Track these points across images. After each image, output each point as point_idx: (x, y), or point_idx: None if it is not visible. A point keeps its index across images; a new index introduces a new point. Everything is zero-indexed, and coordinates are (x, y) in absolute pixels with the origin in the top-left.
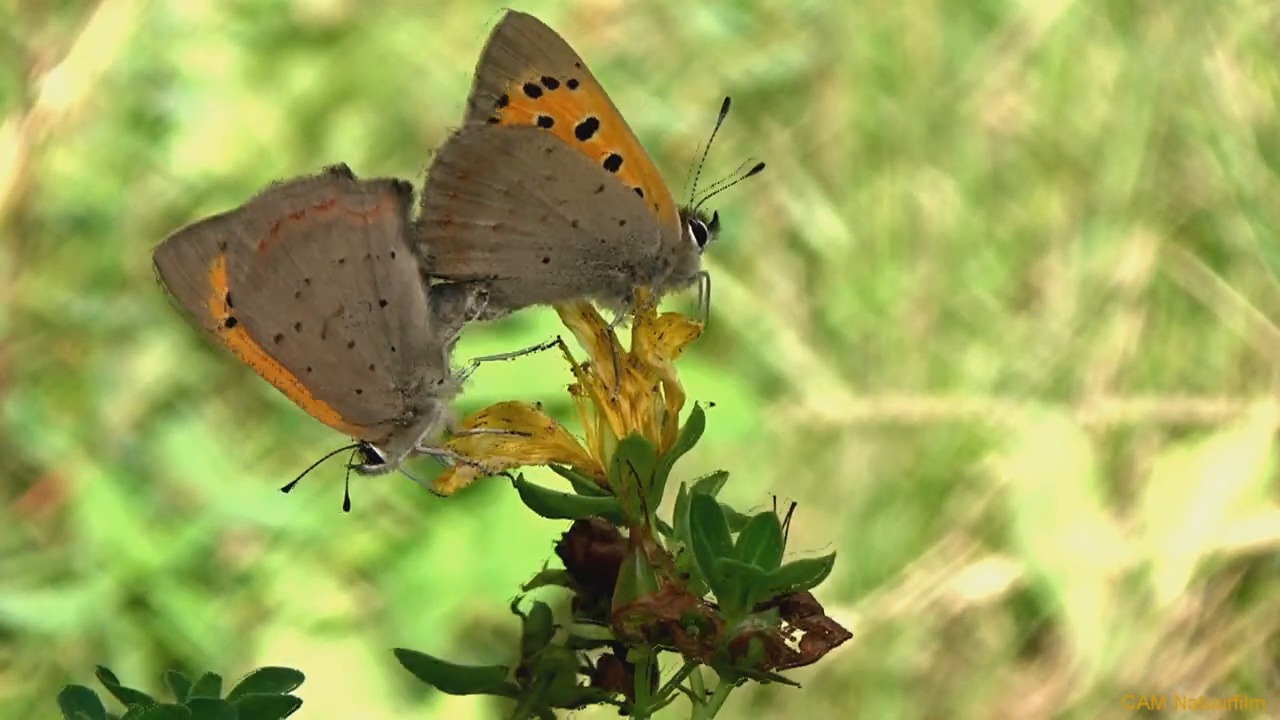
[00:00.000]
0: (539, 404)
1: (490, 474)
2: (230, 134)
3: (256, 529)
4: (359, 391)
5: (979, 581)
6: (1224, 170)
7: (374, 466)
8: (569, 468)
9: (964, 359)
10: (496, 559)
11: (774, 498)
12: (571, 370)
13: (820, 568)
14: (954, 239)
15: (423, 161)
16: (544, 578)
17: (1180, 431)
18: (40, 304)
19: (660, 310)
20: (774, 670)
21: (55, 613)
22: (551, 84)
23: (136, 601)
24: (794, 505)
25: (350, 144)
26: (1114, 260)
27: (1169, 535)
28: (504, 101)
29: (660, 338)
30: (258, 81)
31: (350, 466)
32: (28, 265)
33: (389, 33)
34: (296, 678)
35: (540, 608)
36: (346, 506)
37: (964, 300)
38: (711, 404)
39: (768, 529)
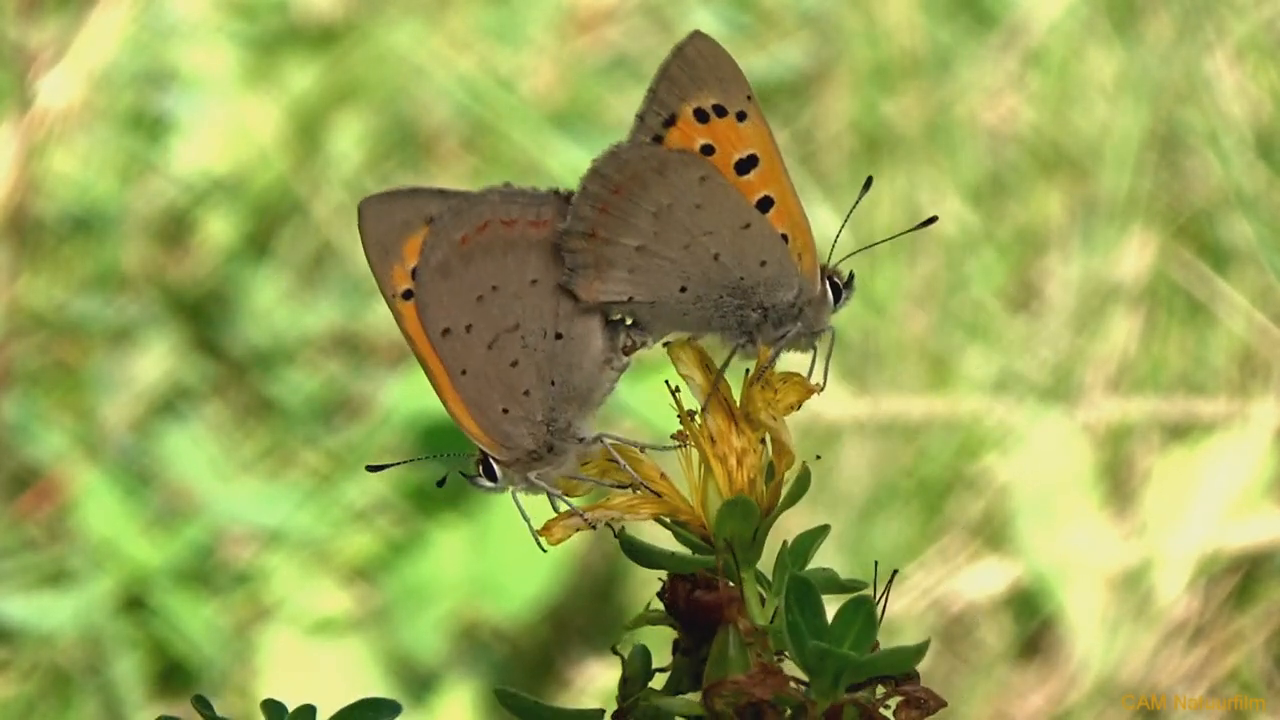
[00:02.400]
0: (643, 448)
1: (595, 527)
2: (229, 134)
3: (255, 529)
4: (505, 411)
5: (979, 581)
6: (1223, 170)
7: (488, 484)
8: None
9: (964, 359)
10: (493, 561)
11: (875, 564)
12: (679, 419)
13: (915, 655)
14: (954, 239)
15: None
16: (645, 619)
17: (1180, 431)
18: (40, 304)
19: (778, 369)
20: None
21: (54, 613)
22: (721, 112)
23: (135, 601)
24: (895, 574)
25: (350, 144)
26: (1114, 260)
27: (1169, 535)
28: (671, 121)
29: (775, 395)
30: (257, 81)
31: (463, 474)
32: (27, 265)
33: (389, 33)
34: (394, 710)
35: (640, 650)
36: (441, 484)
37: (964, 300)
38: (818, 457)
39: (862, 613)
